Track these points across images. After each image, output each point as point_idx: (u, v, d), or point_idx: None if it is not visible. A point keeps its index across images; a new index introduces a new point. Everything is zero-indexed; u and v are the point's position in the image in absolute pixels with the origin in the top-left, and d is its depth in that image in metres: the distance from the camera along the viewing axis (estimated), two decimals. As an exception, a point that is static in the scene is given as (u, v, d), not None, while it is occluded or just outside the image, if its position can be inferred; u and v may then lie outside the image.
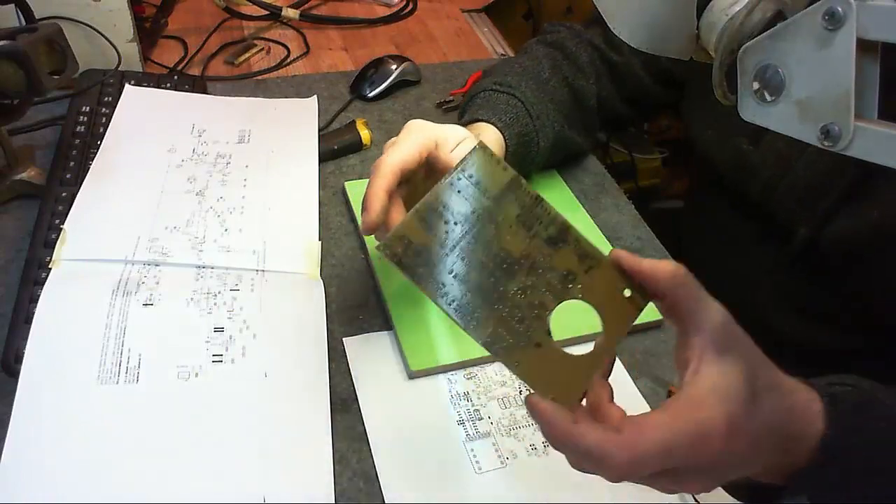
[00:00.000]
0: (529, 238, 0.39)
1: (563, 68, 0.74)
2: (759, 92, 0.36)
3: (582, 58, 0.75)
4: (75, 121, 0.72)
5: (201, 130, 0.74)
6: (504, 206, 0.38)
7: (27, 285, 0.56)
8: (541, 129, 0.68)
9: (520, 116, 0.67)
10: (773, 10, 0.36)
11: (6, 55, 0.57)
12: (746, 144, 0.66)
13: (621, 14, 0.44)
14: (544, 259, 0.39)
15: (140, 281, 0.57)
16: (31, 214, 0.64)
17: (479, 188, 0.38)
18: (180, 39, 0.94)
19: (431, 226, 0.38)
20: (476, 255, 0.38)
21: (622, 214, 0.74)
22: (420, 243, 0.37)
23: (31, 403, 0.48)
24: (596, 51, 0.76)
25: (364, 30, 1.03)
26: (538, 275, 0.39)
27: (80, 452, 0.47)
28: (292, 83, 0.88)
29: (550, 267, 0.39)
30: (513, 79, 0.69)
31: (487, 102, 0.67)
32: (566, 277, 0.39)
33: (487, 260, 0.38)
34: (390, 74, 0.87)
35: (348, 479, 0.49)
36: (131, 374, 0.51)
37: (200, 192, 0.67)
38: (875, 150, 0.32)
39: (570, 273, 0.39)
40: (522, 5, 1.40)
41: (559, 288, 0.39)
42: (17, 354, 0.51)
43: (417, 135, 0.51)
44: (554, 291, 0.39)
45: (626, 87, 0.77)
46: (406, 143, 0.50)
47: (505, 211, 0.38)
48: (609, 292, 0.40)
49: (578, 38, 0.77)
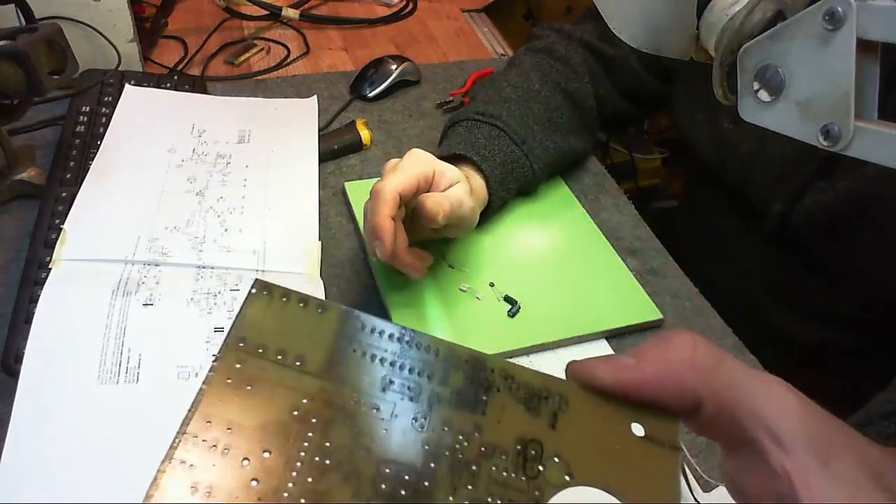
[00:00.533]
0: (425, 415, 0.22)
1: (553, 74, 0.73)
2: (759, 92, 0.36)
3: (573, 58, 0.75)
4: (75, 121, 0.72)
5: (201, 130, 0.74)
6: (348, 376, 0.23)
7: (27, 285, 0.56)
8: (531, 151, 0.67)
9: (503, 146, 0.66)
10: (773, 10, 0.36)
11: (6, 55, 0.57)
12: (728, 123, 0.67)
13: (622, 14, 0.44)
14: (470, 442, 0.22)
15: (140, 281, 0.57)
16: (31, 214, 0.64)
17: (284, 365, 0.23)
18: (180, 39, 0.94)
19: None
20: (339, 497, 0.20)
21: (622, 214, 0.74)
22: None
23: (31, 403, 0.48)
24: (588, 49, 0.76)
25: (364, 30, 1.03)
26: (473, 479, 0.21)
27: (80, 452, 0.47)
28: (292, 83, 0.88)
29: (487, 451, 0.22)
30: (495, 107, 0.69)
31: (469, 133, 0.67)
32: (525, 457, 0.22)
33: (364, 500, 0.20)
34: (390, 74, 0.87)
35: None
36: (131, 374, 0.51)
37: (200, 192, 0.67)
38: (875, 150, 0.32)
39: (525, 444, 0.23)
40: (522, 5, 1.40)
41: (523, 487, 0.22)
42: (17, 354, 0.51)
43: (418, 164, 0.55)
44: (516, 497, 0.22)
45: (623, 81, 0.77)
46: (406, 170, 0.54)
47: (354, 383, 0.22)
48: (607, 447, 0.24)
49: (568, 39, 0.77)
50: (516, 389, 0.24)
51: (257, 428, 0.21)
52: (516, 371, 0.24)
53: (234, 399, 0.22)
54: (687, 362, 0.25)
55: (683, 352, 0.25)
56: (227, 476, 0.20)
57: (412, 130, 0.83)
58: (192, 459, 0.21)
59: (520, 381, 0.24)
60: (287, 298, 0.24)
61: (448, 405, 0.23)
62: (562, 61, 0.74)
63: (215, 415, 0.22)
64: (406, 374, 0.23)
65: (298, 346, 0.23)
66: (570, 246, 0.67)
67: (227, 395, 0.22)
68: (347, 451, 0.21)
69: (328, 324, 0.23)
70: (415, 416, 0.22)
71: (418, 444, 0.21)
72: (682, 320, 0.62)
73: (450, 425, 0.22)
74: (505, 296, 0.61)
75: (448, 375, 0.23)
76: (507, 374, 0.24)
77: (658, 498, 0.23)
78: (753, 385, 0.25)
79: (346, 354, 0.23)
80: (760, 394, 0.25)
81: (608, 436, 0.24)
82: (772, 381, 0.26)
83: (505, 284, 0.62)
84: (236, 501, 0.20)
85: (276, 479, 0.20)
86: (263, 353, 0.23)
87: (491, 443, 0.22)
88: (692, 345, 0.25)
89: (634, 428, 0.24)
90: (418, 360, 0.23)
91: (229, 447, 0.21)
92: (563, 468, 0.23)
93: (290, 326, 0.23)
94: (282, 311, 0.23)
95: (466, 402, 0.23)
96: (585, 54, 0.76)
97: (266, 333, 0.23)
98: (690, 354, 0.25)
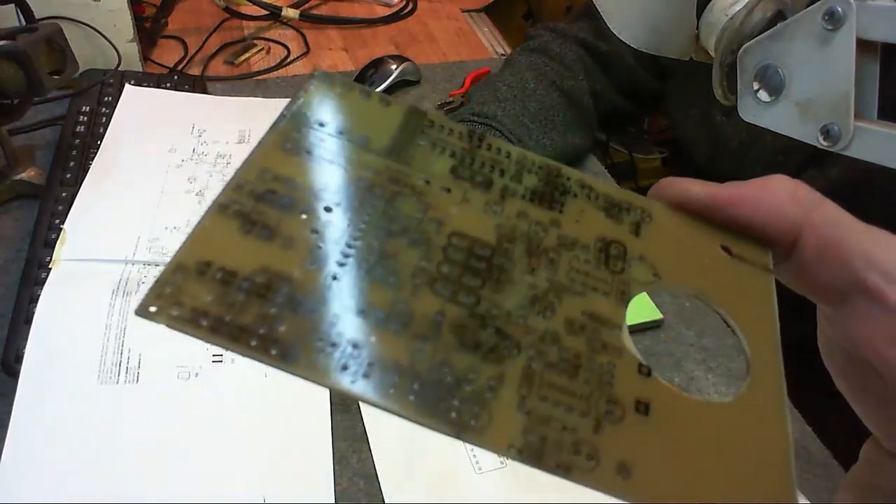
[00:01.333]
0: (497, 203, 0.21)
1: (548, 73, 0.73)
2: (759, 92, 0.36)
3: (568, 56, 0.75)
4: (75, 121, 0.72)
5: (201, 130, 0.74)
6: (416, 161, 0.21)
7: (27, 285, 0.56)
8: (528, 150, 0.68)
9: None
10: (774, 10, 0.36)
11: (6, 55, 0.57)
12: (720, 116, 0.67)
13: (621, 14, 0.44)
14: (548, 233, 0.20)
15: (140, 281, 0.57)
16: (30, 214, 0.64)
17: (348, 140, 0.21)
18: (180, 39, 0.94)
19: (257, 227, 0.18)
20: (406, 260, 0.18)
21: (622, 214, 0.74)
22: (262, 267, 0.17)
23: (31, 404, 0.48)
24: (583, 46, 0.76)
25: (364, 30, 1.03)
26: (551, 265, 0.20)
27: (80, 452, 0.47)
28: (292, 83, 0.88)
29: (566, 243, 0.20)
30: (490, 107, 0.69)
31: None
32: (607, 254, 0.21)
33: (433, 264, 0.19)
34: (390, 74, 0.87)
35: (348, 479, 0.49)
36: (131, 374, 0.51)
37: (201, 192, 0.66)
38: (875, 150, 0.32)
39: (606, 244, 0.21)
40: (522, 5, 1.40)
41: (607, 279, 0.20)
42: (16, 355, 0.51)
43: None
44: (600, 286, 0.20)
45: (620, 77, 0.77)
46: None
47: (422, 167, 0.21)
48: (696, 258, 0.22)
49: (563, 38, 0.77)
50: (595, 198, 0.22)
51: (318, 188, 0.19)
52: (595, 182, 0.21)
53: (294, 160, 0.20)
54: (788, 192, 0.22)
55: (785, 183, 0.23)
56: (285, 224, 0.18)
57: (412, 130, 0.82)
58: (245, 206, 0.18)
59: (599, 191, 0.22)
60: (349, 88, 0.22)
61: (522, 199, 0.21)
62: (557, 60, 0.75)
63: (271, 169, 0.19)
64: (477, 167, 0.21)
65: (361, 129, 0.21)
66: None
67: (284, 157, 0.20)
68: (416, 221, 0.19)
69: (394, 115, 0.22)
70: (487, 202, 0.21)
71: (491, 226, 0.20)
72: (682, 320, 0.62)
73: (525, 216, 0.21)
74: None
75: (521, 175, 0.22)
76: (585, 183, 0.22)
77: (755, 314, 0.22)
78: (859, 225, 0.22)
79: (413, 143, 0.21)
80: (868, 232, 0.22)
81: (697, 249, 0.22)
82: (874, 228, 0.22)
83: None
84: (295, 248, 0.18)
85: (338, 233, 0.18)
86: (324, 128, 0.21)
87: (570, 236, 0.21)
88: (793, 182, 0.23)
89: (724, 247, 0.22)
90: (489, 158, 0.22)
91: (287, 197, 0.19)
92: (650, 268, 0.21)
93: (353, 111, 0.22)
94: (343, 97, 0.22)
95: (543, 198, 0.21)
96: (581, 52, 0.76)
97: (327, 113, 0.21)
98: (792, 186, 0.23)
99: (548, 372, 0.18)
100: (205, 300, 0.16)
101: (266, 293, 0.17)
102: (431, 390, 0.16)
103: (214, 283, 0.17)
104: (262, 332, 0.16)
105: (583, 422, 0.17)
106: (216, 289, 0.16)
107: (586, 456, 0.17)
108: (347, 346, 0.16)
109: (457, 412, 0.16)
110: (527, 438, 0.16)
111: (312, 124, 0.21)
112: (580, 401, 0.18)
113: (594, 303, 0.20)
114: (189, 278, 0.16)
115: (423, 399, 0.16)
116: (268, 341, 0.16)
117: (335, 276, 0.18)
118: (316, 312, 0.17)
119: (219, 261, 0.17)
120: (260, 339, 0.16)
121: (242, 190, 0.18)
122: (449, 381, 0.17)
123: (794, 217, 0.22)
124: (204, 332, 0.16)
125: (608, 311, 0.20)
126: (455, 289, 0.18)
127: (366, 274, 0.18)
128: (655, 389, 0.19)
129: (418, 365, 0.17)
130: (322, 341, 0.16)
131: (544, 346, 0.18)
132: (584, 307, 0.20)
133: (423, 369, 0.17)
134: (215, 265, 0.17)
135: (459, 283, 0.19)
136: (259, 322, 0.16)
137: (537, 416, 0.17)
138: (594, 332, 0.19)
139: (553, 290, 0.19)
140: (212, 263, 0.17)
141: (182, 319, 0.16)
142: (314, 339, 0.16)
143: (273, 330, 0.16)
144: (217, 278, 0.17)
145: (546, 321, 0.19)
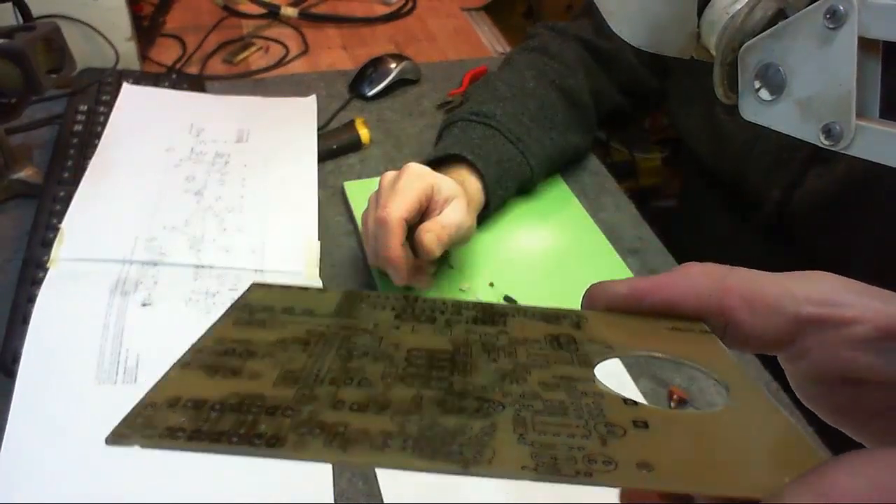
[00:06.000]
0: (445, 328, 0.23)
1: (548, 72, 0.73)
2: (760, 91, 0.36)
3: (567, 55, 0.75)
4: (73, 120, 0.72)
5: (199, 129, 0.74)
6: (361, 316, 0.23)
7: (25, 285, 0.56)
8: (527, 149, 0.68)
9: (498, 145, 0.66)
10: (775, 8, 0.36)
11: (4, 54, 0.57)
12: (723, 114, 0.67)
13: (622, 13, 0.44)
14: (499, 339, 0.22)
15: (138, 281, 0.56)
16: (28, 214, 0.63)
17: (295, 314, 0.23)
18: (178, 38, 0.94)
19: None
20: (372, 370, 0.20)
21: (622, 214, 0.73)
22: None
23: (29, 404, 0.48)
24: (583, 45, 0.76)
25: (363, 28, 1.03)
26: (510, 356, 0.21)
27: (77, 452, 0.46)
28: (291, 82, 0.88)
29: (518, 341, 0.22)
30: (489, 106, 0.69)
31: (463, 134, 0.67)
32: (559, 342, 0.23)
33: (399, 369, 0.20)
34: (389, 73, 0.86)
35: (348, 479, 0.49)
36: (129, 374, 0.51)
37: (199, 191, 0.66)
38: (877, 150, 0.32)
39: (555, 337, 0.23)
40: (522, 3, 1.40)
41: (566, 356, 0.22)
42: (14, 354, 0.51)
43: (417, 181, 0.56)
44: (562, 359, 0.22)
45: (620, 76, 0.77)
46: (406, 193, 0.55)
47: (368, 319, 0.23)
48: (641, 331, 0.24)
49: (563, 37, 0.76)
50: (532, 315, 0.24)
51: (276, 343, 0.21)
52: (527, 306, 0.25)
53: (247, 329, 0.22)
54: (700, 269, 0.25)
55: (697, 266, 0.25)
56: (248, 365, 0.20)
57: (411, 129, 0.82)
58: (207, 360, 0.20)
59: (534, 311, 0.25)
60: (285, 287, 0.25)
61: (467, 323, 0.23)
62: (556, 58, 0.74)
63: (227, 337, 0.21)
64: (418, 312, 0.24)
65: (306, 306, 0.23)
66: (570, 246, 0.67)
67: (238, 328, 0.22)
68: (375, 346, 0.21)
69: (332, 297, 0.24)
70: (435, 330, 0.23)
71: (445, 340, 0.22)
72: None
73: (474, 332, 0.23)
74: (505, 296, 0.61)
75: (460, 311, 0.24)
76: (519, 308, 0.25)
77: (710, 354, 0.23)
78: (770, 275, 0.24)
79: (356, 307, 0.24)
80: (781, 276, 0.24)
81: (638, 327, 0.24)
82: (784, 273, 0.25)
83: (505, 284, 0.62)
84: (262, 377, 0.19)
85: (300, 364, 0.20)
86: (270, 309, 0.23)
87: (520, 337, 0.23)
88: (705, 264, 0.25)
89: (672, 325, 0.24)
90: (427, 306, 0.24)
91: (245, 350, 0.20)
92: (602, 344, 0.23)
93: (293, 299, 0.24)
94: (282, 293, 0.24)
95: (485, 321, 0.23)
96: (580, 50, 0.76)
97: (271, 301, 0.24)
98: (704, 266, 0.25)
99: (538, 416, 0.18)
100: (178, 420, 0.17)
101: (240, 408, 0.18)
102: (427, 443, 0.17)
103: (186, 409, 0.17)
104: (242, 431, 0.17)
105: (587, 441, 0.18)
106: (188, 412, 0.17)
107: (603, 462, 0.17)
108: (332, 428, 0.17)
109: (459, 452, 0.17)
110: (538, 460, 0.17)
111: (259, 308, 0.23)
112: (579, 429, 0.18)
113: (561, 369, 0.21)
114: (159, 410, 0.17)
115: (421, 449, 0.17)
116: (251, 437, 0.17)
117: (306, 392, 0.19)
118: (294, 413, 0.18)
119: (187, 395, 0.18)
120: (241, 438, 0.17)
121: (203, 352, 0.20)
122: (443, 434, 0.17)
123: (708, 288, 0.24)
124: (181, 442, 0.16)
125: (578, 374, 0.21)
126: (425, 380, 0.20)
127: (336, 383, 0.19)
128: (647, 411, 0.19)
129: (408, 429, 0.17)
130: (305, 430, 0.17)
131: (527, 400, 0.19)
132: (554, 373, 0.21)
133: (413, 431, 0.17)
134: (184, 398, 0.18)
135: (429, 375, 0.20)
136: (238, 426, 0.17)
137: (541, 444, 0.17)
138: (570, 387, 0.20)
139: (520, 368, 0.21)
140: (181, 398, 0.18)
141: (158, 437, 0.16)
142: (297, 430, 0.17)
143: (254, 429, 0.17)
144: (188, 406, 0.18)
145: (521, 387, 0.20)
